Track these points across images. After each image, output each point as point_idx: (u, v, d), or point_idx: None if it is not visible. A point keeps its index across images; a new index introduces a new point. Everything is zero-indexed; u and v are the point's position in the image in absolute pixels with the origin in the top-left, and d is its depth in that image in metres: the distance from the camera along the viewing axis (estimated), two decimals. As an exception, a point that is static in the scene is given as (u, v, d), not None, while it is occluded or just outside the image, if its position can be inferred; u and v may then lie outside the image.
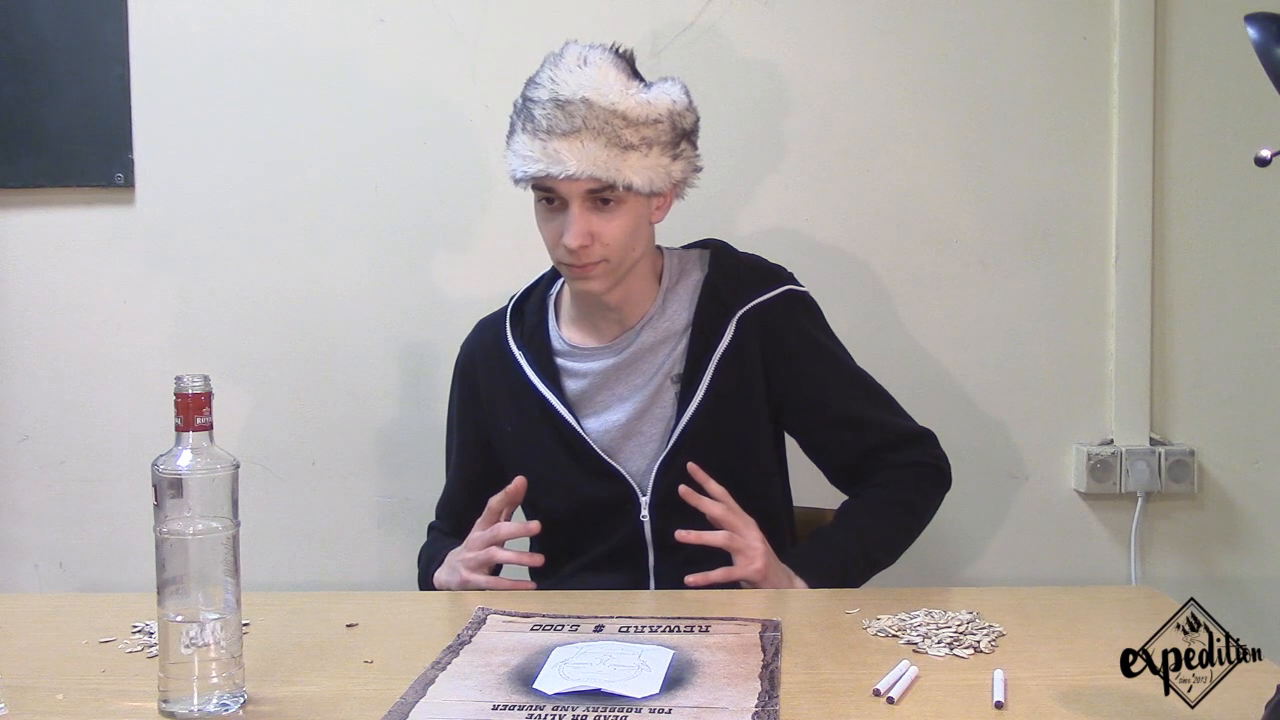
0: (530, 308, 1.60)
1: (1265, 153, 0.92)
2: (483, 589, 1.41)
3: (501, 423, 1.57)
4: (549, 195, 1.44)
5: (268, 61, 1.99)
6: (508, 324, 1.58)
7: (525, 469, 1.53)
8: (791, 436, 1.62)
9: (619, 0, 1.97)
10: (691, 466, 1.42)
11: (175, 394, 1.02)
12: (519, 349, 1.56)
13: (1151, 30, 1.96)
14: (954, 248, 2.00)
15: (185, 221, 2.01)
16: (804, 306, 1.57)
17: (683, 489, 1.41)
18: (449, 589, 1.45)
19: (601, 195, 1.42)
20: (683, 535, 1.39)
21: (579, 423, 1.51)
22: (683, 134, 1.47)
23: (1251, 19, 0.94)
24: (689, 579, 1.37)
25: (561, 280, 1.60)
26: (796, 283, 1.58)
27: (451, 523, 1.63)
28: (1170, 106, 1.97)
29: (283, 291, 2.01)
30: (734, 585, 1.40)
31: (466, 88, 1.99)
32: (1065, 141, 1.98)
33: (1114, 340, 2.00)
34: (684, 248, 1.63)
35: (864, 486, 1.55)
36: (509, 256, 1.98)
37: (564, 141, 1.39)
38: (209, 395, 1.03)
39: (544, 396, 1.52)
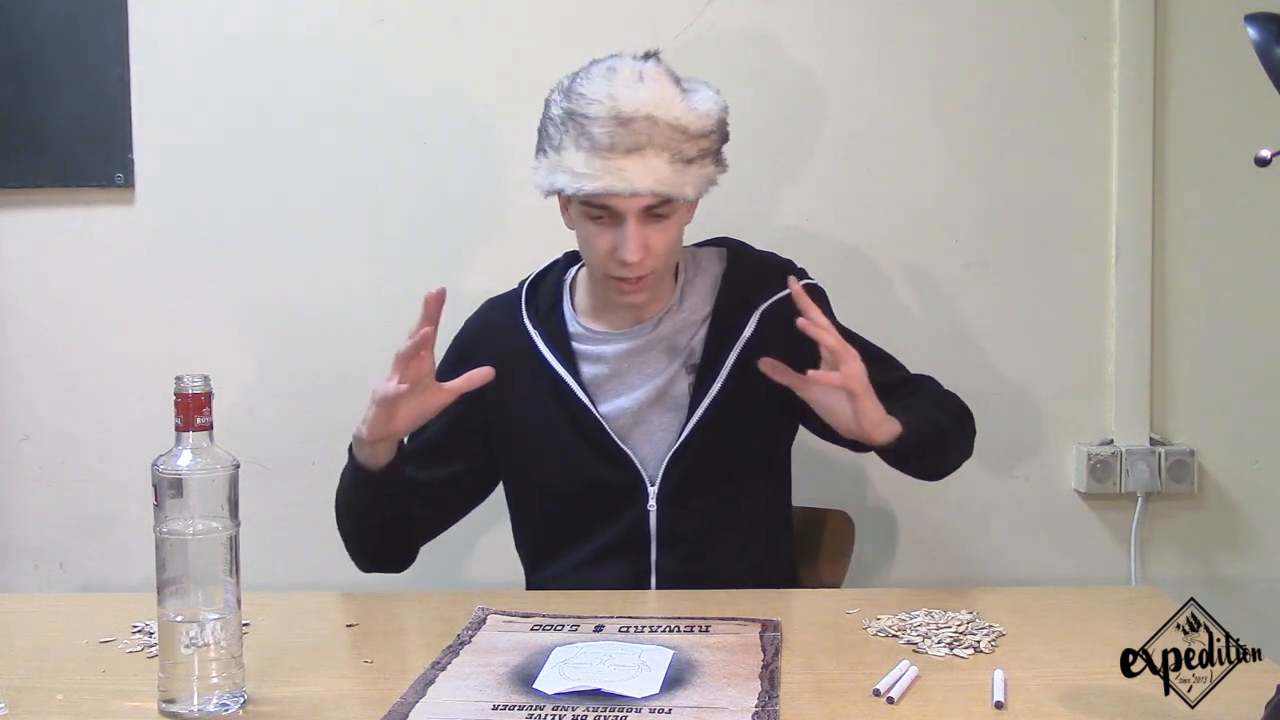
0: (545, 290, 1.61)
1: (1265, 153, 0.93)
2: (390, 397, 1.36)
3: (509, 403, 1.56)
4: (599, 213, 1.43)
5: (268, 61, 1.99)
6: (523, 305, 1.59)
7: (534, 449, 1.55)
8: (813, 425, 1.60)
9: (618, 1, 1.97)
10: (792, 282, 1.37)
11: (175, 394, 1.02)
12: (535, 328, 1.56)
13: (1151, 30, 1.96)
14: (954, 248, 2.00)
15: (185, 222, 2.01)
16: (819, 297, 1.58)
17: (801, 322, 1.35)
18: (366, 433, 1.42)
19: (656, 210, 1.42)
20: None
21: (594, 405, 1.51)
22: (726, 138, 1.49)
23: (1251, 19, 0.94)
24: (813, 375, 1.33)
25: (577, 267, 1.60)
26: (809, 277, 1.60)
27: (414, 472, 1.58)
28: (1170, 106, 1.97)
29: (283, 291, 2.01)
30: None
31: (467, 87, 1.99)
32: (1065, 141, 1.98)
33: (1114, 340, 2.00)
34: (696, 245, 1.63)
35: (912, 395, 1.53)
36: (510, 256, 1.97)
37: (628, 159, 1.38)
38: (209, 395, 1.03)
39: (560, 376, 1.52)
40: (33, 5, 1.96)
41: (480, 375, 1.42)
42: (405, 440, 1.50)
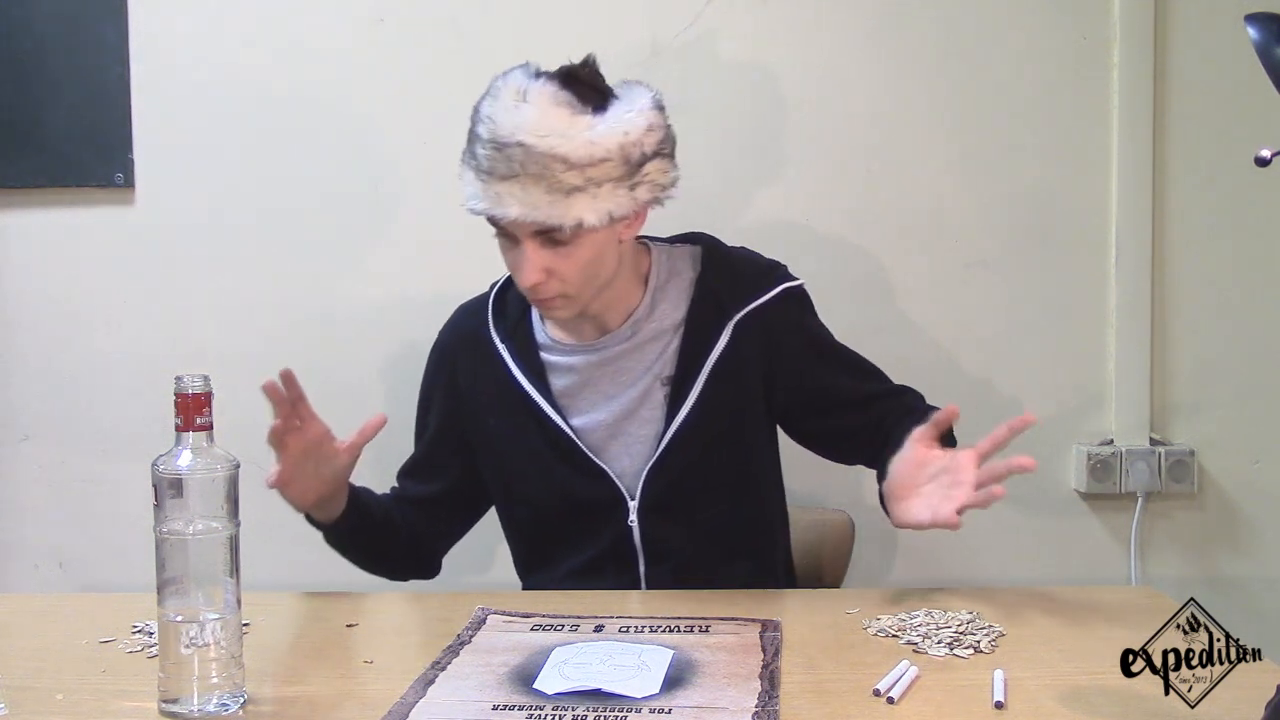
0: (513, 298, 1.56)
1: (1265, 153, 0.93)
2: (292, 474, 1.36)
3: (483, 415, 1.54)
4: (503, 232, 1.41)
5: (268, 62, 1.98)
6: (490, 317, 1.55)
7: (509, 463, 1.53)
8: (791, 432, 1.60)
9: (618, 0, 1.97)
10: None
11: (175, 394, 1.02)
12: (502, 342, 1.53)
13: (1151, 30, 1.96)
14: (954, 248, 2.00)
15: (185, 222, 2.01)
16: (798, 302, 1.54)
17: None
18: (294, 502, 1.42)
19: (551, 235, 1.36)
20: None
21: (565, 420, 1.49)
22: (641, 160, 1.38)
23: (1251, 19, 0.94)
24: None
25: None
26: (790, 276, 1.54)
27: (412, 488, 1.60)
28: (1170, 106, 1.97)
29: (282, 291, 2.01)
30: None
31: (467, 88, 1.98)
32: (1065, 141, 1.98)
33: (1114, 340, 2.00)
34: (671, 240, 1.59)
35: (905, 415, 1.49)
36: (509, 256, 1.98)
37: (504, 185, 1.34)
38: (209, 395, 1.03)
39: (528, 393, 1.49)
40: (33, 5, 1.96)
41: (373, 425, 1.40)
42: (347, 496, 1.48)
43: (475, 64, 1.97)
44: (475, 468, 1.58)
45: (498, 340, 1.53)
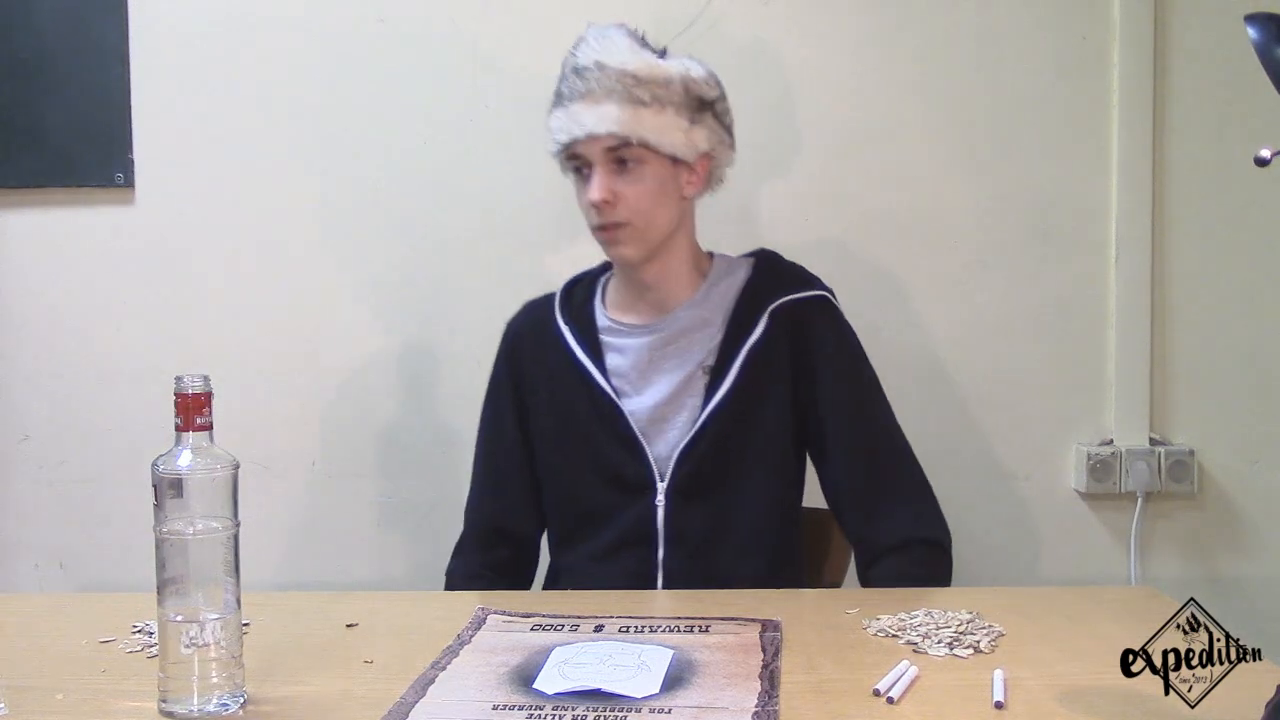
0: (580, 290, 1.65)
1: (1265, 153, 0.92)
2: None
3: (543, 394, 1.60)
4: (579, 164, 1.50)
5: (267, 61, 1.99)
6: (558, 304, 1.63)
7: (557, 437, 1.58)
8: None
9: (618, 2, 1.97)
10: None
11: (175, 394, 1.02)
12: (566, 325, 1.60)
13: (1151, 30, 1.96)
14: (954, 248, 2.00)
15: (185, 222, 2.01)
16: (835, 316, 1.59)
17: None
18: None
19: (620, 155, 1.47)
20: None
21: (618, 398, 1.54)
22: (700, 102, 1.50)
23: (1251, 19, 0.94)
24: None
25: (613, 268, 1.63)
26: (832, 293, 1.60)
27: (482, 528, 1.64)
28: (1170, 106, 1.97)
29: (282, 291, 2.01)
30: None
31: (466, 87, 1.99)
32: (1065, 141, 1.99)
33: (1114, 340, 2.00)
34: (739, 257, 1.65)
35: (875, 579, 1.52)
36: (508, 256, 1.98)
37: (581, 104, 1.47)
38: (209, 395, 1.03)
39: (587, 370, 1.56)
40: (33, 5, 1.97)
41: None
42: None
43: (475, 64, 1.99)
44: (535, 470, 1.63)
45: (561, 323, 1.61)
